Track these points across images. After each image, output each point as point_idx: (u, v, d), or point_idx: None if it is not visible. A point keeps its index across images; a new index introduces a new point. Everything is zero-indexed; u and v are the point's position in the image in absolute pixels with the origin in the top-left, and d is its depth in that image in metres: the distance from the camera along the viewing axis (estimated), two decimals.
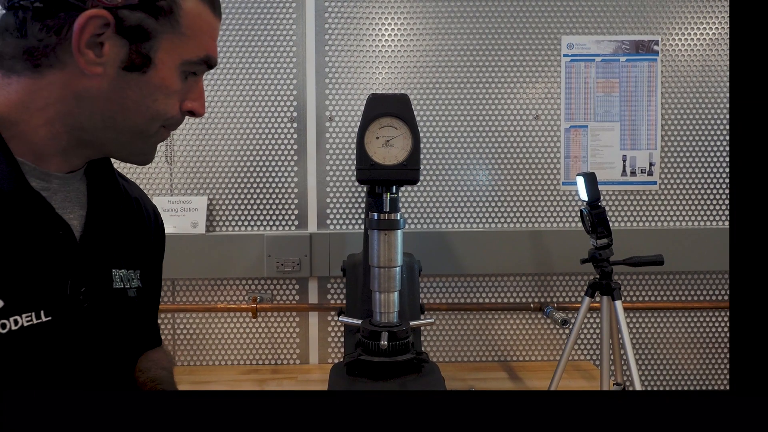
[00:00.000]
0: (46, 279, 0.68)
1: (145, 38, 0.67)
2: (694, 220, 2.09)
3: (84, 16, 0.63)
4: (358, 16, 2.02)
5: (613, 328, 1.68)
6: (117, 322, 0.78)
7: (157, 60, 0.69)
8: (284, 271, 1.99)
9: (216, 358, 2.07)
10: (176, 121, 0.76)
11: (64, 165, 0.72)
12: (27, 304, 0.65)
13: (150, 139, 0.75)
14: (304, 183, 2.04)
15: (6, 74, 0.67)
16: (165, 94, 0.72)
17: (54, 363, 0.68)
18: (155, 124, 0.74)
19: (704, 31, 2.06)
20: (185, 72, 0.73)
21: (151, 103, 0.71)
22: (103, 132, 0.71)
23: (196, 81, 0.76)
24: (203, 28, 0.72)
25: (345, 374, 1.33)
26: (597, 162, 2.06)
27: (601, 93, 2.05)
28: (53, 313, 0.67)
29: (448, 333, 2.10)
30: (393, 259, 1.31)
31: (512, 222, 2.07)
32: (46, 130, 0.68)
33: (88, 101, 0.68)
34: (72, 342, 0.70)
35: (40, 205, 0.68)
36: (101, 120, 0.70)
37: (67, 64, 0.66)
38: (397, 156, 1.26)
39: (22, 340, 0.64)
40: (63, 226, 0.70)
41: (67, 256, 0.70)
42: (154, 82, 0.70)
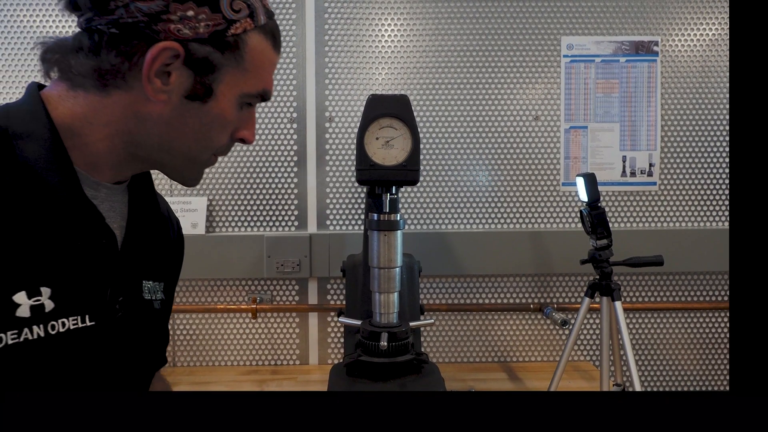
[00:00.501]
0: (91, 285, 0.70)
1: (210, 71, 0.71)
2: (693, 220, 2.09)
3: (157, 47, 0.67)
4: (358, 16, 2.02)
5: (613, 328, 1.68)
6: (143, 332, 0.81)
7: (218, 92, 0.72)
8: (284, 271, 1.99)
9: (216, 359, 2.07)
10: (226, 148, 0.80)
11: (114, 176, 0.75)
12: (74, 307, 0.67)
13: (201, 165, 0.79)
14: (304, 184, 2.04)
15: (73, 87, 0.70)
16: (221, 123, 0.75)
17: (91, 367, 0.71)
18: (207, 152, 0.78)
19: (704, 31, 2.06)
20: (242, 103, 0.76)
21: (207, 132, 0.75)
22: (158, 153, 0.74)
23: (250, 111, 0.79)
24: (264, 63, 0.76)
25: (345, 375, 1.33)
26: (597, 163, 2.06)
27: (601, 94, 2.06)
28: (96, 319, 0.70)
29: (447, 334, 2.10)
30: (393, 260, 1.31)
31: (512, 223, 2.07)
32: (105, 144, 0.71)
33: (148, 123, 0.71)
34: (107, 348, 0.73)
35: (92, 214, 0.70)
36: (158, 142, 0.73)
37: (133, 88, 0.69)
38: (397, 157, 1.26)
39: (67, 343, 0.67)
40: (109, 234, 0.73)
41: (109, 264, 0.73)
42: (214, 112, 0.73)
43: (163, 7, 0.66)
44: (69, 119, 0.69)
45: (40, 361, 0.64)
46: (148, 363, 0.86)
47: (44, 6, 1.98)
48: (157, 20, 0.66)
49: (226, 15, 0.70)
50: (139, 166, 0.77)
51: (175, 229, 0.96)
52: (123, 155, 0.73)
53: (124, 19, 0.66)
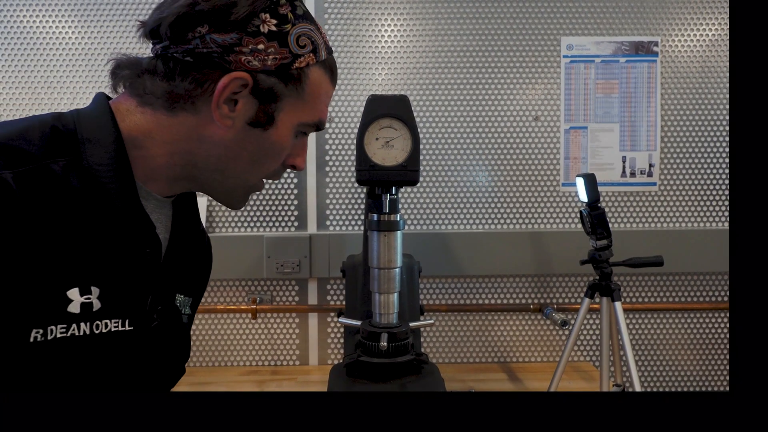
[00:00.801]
0: (135, 291, 0.74)
1: (273, 100, 0.75)
2: (693, 221, 2.09)
3: (229, 77, 0.71)
4: (358, 17, 2.02)
5: (613, 329, 1.68)
6: (171, 343, 0.84)
7: (279, 120, 0.76)
8: (284, 272, 1.99)
9: (215, 360, 2.07)
10: (277, 173, 0.84)
11: (165, 191, 0.78)
12: (118, 310, 0.71)
13: (250, 188, 0.83)
14: (304, 184, 2.04)
15: (142, 104, 0.74)
16: (277, 150, 0.79)
17: (124, 370, 0.73)
18: (259, 176, 0.82)
19: (704, 32, 2.06)
20: (298, 132, 0.80)
21: (263, 156, 0.78)
22: (212, 174, 0.78)
23: (303, 140, 0.84)
24: (321, 95, 0.79)
25: (345, 375, 1.33)
26: (596, 163, 2.06)
27: (601, 94, 2.06)
28: (135, 324, 0.73)
29: (447, 334, 2.10)
30: (393, 260, 1.31)
31: (512, 223, 2.07)
32: (164, 160, 0.75)
33: (209, 145, 0.75)
34: (140, 354, 0.75)
35: (145, 223, 0.74)
36: (215, 164, 0.77)
37: (200, 111, 0.73)
38: (397, 157, 1.26)
39: (108, 344, 0.70)
40: (156, 244, 0.76)
41: (152, 273, 0.76)
42: (272, 139, 0.77)
43: (236, 40, 0.71)
44: (134, 132, 0.73)
45: (81, 358, 0.67)
46: (171, 373, 0.89)
47: (44, 6, 1.98)
48: (230, 52, 0.71)
49: (293, 50, 0.74)
50: (190, 185, 0.80)
51: (209, 249, 0.99)
52: (178, 172, 0.76)
53: (200, 49, 0.71)
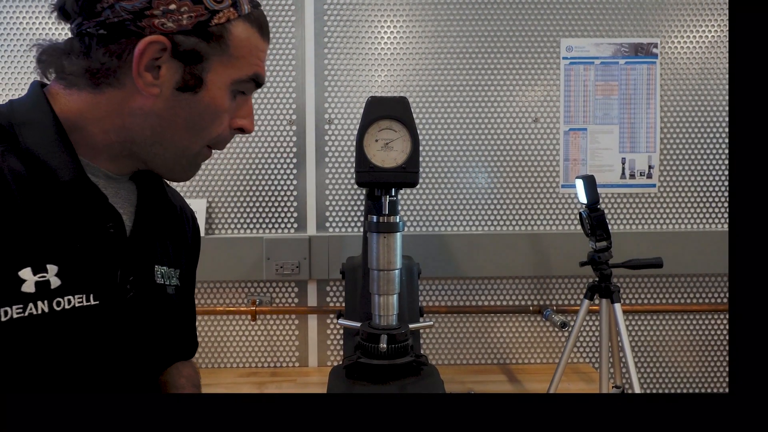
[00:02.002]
0: (97, 265, 0.72)
1: (197, 61, 0.73)
2: (693, 222, 2.09)
3: (144, 42, 0.69)
4: (358, 18, 2.02)
5: (612, 330, 1.68)
6: (157, 315, 0.83)
7: (208, 81, 0.74)
8: (283, 273, 1.99)
9: (215, 361, 2.07)
10: (223, 139, 0.81)
11: (113, 168, 0.77)
12: (79, 286, 0.69)
13: (194, 157, 0.80)
14: (303, 186, 2.04)
15: (68, 87, 0.73)
16: (214, 112, 0.76)
17: (97, 345, 0.72)
18: (200, 143, 0.78)
19: (703, 33, 2.06)
20: (234, 91, 0.77)
21: (199, 121, 0.76)
22: (151, 147, 0.76)
23: (245, 100, 0.81)
24: (252, 50, 0.77)
25: (344, 377, 1.32)
26: (596, 165, 2.06)
27: (600, 96, 2.06)
28: (101, 298, 0.71)
29: (447, 336, 2.10)
30: (392, 262, 1.31)
31: (511, 225, 2.07)
32: (101, 138, 0.74)
33: (141, 117, 0.73)
34: (115, 328, 0.74)
35: (96, 196, 0.72)
36: (151, 135, 0.75)
37: (125, 84, 0.72)
38: (396, 159, 1.26)
39: (72, 320, 0.69)
40: (115, 216, 0.75)
41: (117, 246, 0.75)
42: (206, 102, 0.75)
43: (146, 3, 0.69)
44: (67, 114, 0.72)
45: (45, 336, 0.66)
46: (165, 348, 0.88)
47: (43, 7, 1.98)
48: (142, 17, 0.69)
49: (208, 6, 0.72)
50: (134, 163, 0.78)
51: (190, 220, 0.99)
52: (118, 150, 0.75)
53: (111, 19, 0.69)
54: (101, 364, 0.73)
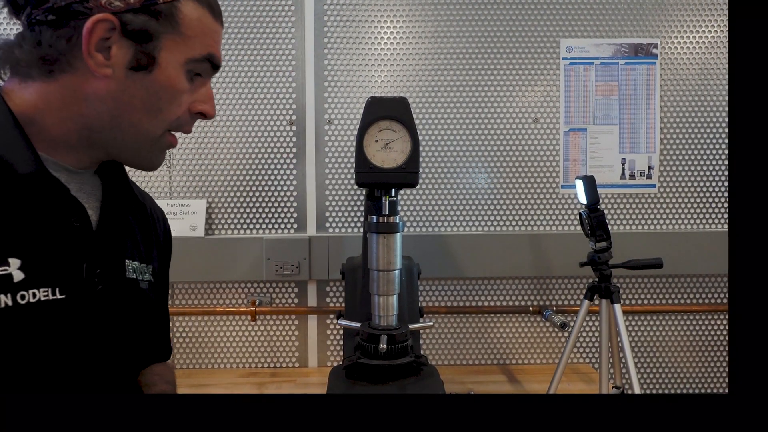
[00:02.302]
0: (63, 259, 0.71)
1: (148, 39, 0.72)
2: (693, 223, 2.09)
3: (91, 21, 0.68)
4: (357, 19, 2.02)
5: (612, 331, 1.67)
6: (129, 309, 0.82)
7: (161, 59, 0.73)
8: (283, 274, 1.99)
9: (215, 361, 2.07)
10: (183, 122, 0.79)
11: (74, 161, 0.76)
12: (44, 279, 0.69)
13: (156, 143, 0.78)
14: (303, 186, 2.04)
15: (23, 80, 0.72)
16: (170, 93, 0.75)
17: (65, 339, 0.71)
18: (160, 126, 0.76)
19: (703, 34, 2.06)
20: (190, 72, 0.76)
21: (155, 102, 0.74)
22: (110, 132, 0.74)
23: (204, 83, 0.80)
24: (203, 30, 0.76)
25: (344, 377, 1.33)
26: (596, 165, 2.06)
27: (600, 96, 2.06)
28: (67, 292, 0.70)
29: (447, 336, 2.10)
30: (392, 262, 1.31)
31: (511, 225, 2.07)
32: (58, 128, 0.73)
33: (97, 102, 0.72)
34: (84, 321, 0.73)
35: (57, 188, 0.72)
36: (109, 120, 0.73)
37: (78, 69, 0.71)
38: (396, 159, 1.26)
39: (38, 314, 0.67)
40: (79, 208, 0.74)
41: (83, 239, 0.74)
42: (160, 81, 0.73)
43: None
44: (23, 108, 0.71)
45: (9, 330, 0.65)
46: (140, 343, 0.86)
47: None
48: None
49: None
50: (96, 152, 0.77)
51: (160, 220, 0.98)
52: (77, 138, 0.74)
53: (59, 3, 0.68)
54: (73, 358, 0.72)
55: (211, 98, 0.81)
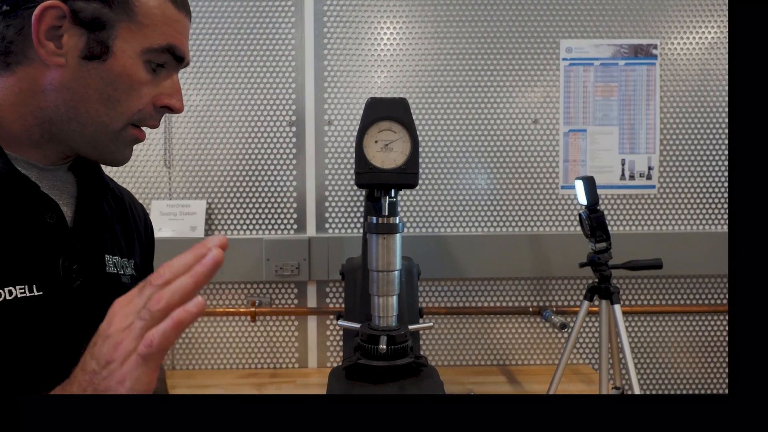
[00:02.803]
0: (38, 256, 0.71)
1: (101, 27, 0.70)
2: (692, 224, 2.09)
3: (39, 8, 0.67)
4: (357, 20, 2.03)
5: (612, 331, 1.68)
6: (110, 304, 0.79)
7: (116, 48, 0.71)
8: (283, 275, 1.99)
9: (214, 362, 2.07)
10: (147, 116, 0.76)
11: (41, 158, 0.75)
12: (20, 277, 0.68)
13: (117, 136, 0.75)
14: (303, 187, 2.04)
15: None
16: (127, 84, 0.72)
17: (44, 336, 0.70)
18: (119, 119, 0.74)
19: (703, 34, 2.06)
20: (151, 63, 0.74)
21: (112, 92, 0.72)
22: (69, 124, 0.73)
23: (169, 75, 0.77)
24: (163, 19, 0.73)
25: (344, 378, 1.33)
26: (596, 166, 2.06)
27: (600, 97, 2.06)
28: (45, 289, 0.70)
29: (446, 337, 2.09)
30: (392, 263, 1.31)
31: (511, 226, 2.07)
32: (19, 124, 0.72)
33: (53, 93, 0.71)
34: (63, 317, 0.72)
35: (27, 185, 0.71)
36: (66, 111, 0.72)
37: (33, 60, 0.70)
38: (396, 160, 1.26)
39: (15, 311, 0.67)
40: (52, 205, 0.73)
41: (58, 235, 0.74)
42: (115, 71, 0.71)
43: None
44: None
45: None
46: None
47: None
48: None
49: None
50: (59, 146, 0.76)
51: (141, 215, 0.97)
52: (39, 133, 0.73)
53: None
54: (54, 354, 0.71)
55: (177, 91, 0.78)
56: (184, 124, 2.00)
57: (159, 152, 2.00)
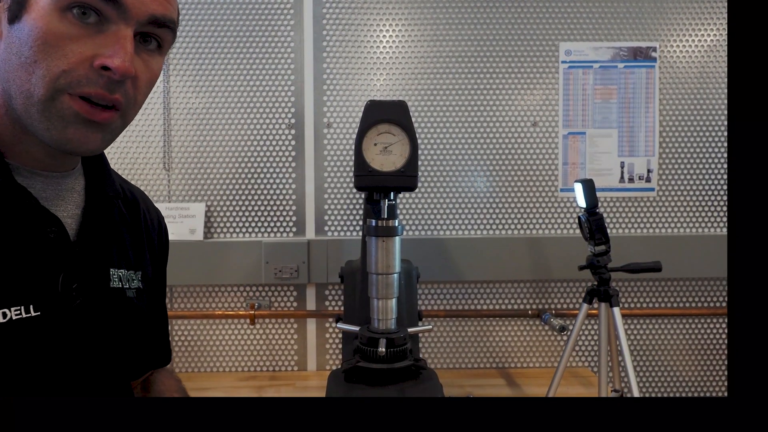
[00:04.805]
0: (35, 275, 0.66)
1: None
2: (691, 226, 2.09)
3: None
4: (356, 23, 2.03)
5: (611, 334, 1.67)
6: (114, 321, 0.77)
7: (32, 2, 0.62)
8: (282, 277, 1.99)
9: (214, 365, 2.06)
10: (81, 79, 0.63)
11: (36, 163, 0.70)
12: (15, 298, 0.64)
13: (46, 108, 0.63)
14: (302, 189, 2.04)
15: None
16: (42, 39, 0.61)
17: (44, 358, 0.67)
18: (42, 84, 0.62)
19: (702, 37, 2.06)
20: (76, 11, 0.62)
21: (27, 51, 0.61)
22: (11, 101, 0.65)
23: (112, 30, 0.64)
24: None
25: (343, 381, 1.32)
26: (595, 169, 2.06)
27: (599, 100, 2.06)
28: (42, 309, 0.66)
29: (446, 339, 2.09)
30: (391, 266, 1.31)
31: (510, 228, 2.07)
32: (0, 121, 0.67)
33: (0, 73, 0.65)
34: (62, 337, 0.69)
35: (25, 199, 0.67)
36: (7, 88, 0.64)
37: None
38: (395, 162, 1.26)
39: (10, 334, 0.63)
40: (53, 220, 0.69)
41: (59, 252, 0.69)
42: (28, 26, 0.61)
43: None
44: None
45: None
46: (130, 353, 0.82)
47: None
48: None
49: None
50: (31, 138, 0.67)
51: (155, 218, 0.93)
52: (11, 127, 0.67)
53: None
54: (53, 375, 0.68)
55: (121, 47, 0.63)
56: (183, 126, 2.00)
57: (158, 155, 2.00)
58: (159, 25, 0.67)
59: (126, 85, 0.65)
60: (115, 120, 0.67)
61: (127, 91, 0.66)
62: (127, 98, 0.66)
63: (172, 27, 0.70)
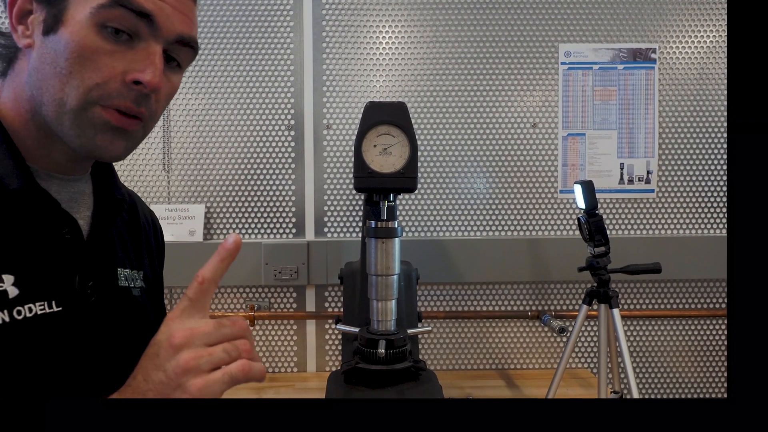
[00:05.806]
0: (56, 272, 0.70)
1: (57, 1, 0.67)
2: (691, 228, 2.09)
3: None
4: (356, 24, 2.03)
5: (611, 335, 1.67)
6: (123, 318, 0.81)
7: (68, 17, 0.66)
8: (281, 279, 1.98)
9: None
10: (113, 92, 0.67)
11: (53, 166, 0.73)
12: (40, 293, 0.67)
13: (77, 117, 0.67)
14: (302, 191, 2.04)
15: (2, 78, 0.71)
16: (77, 52, 0.65)
17: (64, 351, 0.70)
18: (75, 95, 0.66)
19: (702, 38, 2.07)
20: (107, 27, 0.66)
21: (61, 63, 0.65)
22: (41, 109, 0.68)
23: (141, 45, 0.68)
24: None
25: (342, 382, 1.32)
26: (594, 170, 2.06)
27: (599, 101, 2.06)
28: (63, 304, 0.70)
29: (445, 341, 2.09)
30: (390, 267, 1.31)
31: (510, 230, 2.07)
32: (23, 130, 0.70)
33: (29, 79, 0.69)
34: (81, 332, 0.72)
35: (48, 202, 0.70)
36: (38, 96, 0.68)
37: (24, 53, 0.70)
38: (395, 164, 1.26)
39: (36, 328, 0.67)
40: (70, 221, 0.73)
41: (75, 251, 0.73)
42: (64, 39, 0.65)
43: None
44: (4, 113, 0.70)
45: (8, 347, 0.64)
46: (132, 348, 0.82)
47: None
48: None
49: None
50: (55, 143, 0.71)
51: (149, 221, 0.96)
52: (34, 129, 0.70)
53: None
54: (73, 369, 0.71)
55: (152, 63, 0.67)
56: (183, 127, 2.00)
57: (158, 156, 2.00)
58: (184, 44, 0.72)
59: (151, 99, 0.70)
60: (138, 129, 0.71)
61: (150, 105, 0.71)
62: (149, 111, 0.71)
63: (195, 47, 0.74)
